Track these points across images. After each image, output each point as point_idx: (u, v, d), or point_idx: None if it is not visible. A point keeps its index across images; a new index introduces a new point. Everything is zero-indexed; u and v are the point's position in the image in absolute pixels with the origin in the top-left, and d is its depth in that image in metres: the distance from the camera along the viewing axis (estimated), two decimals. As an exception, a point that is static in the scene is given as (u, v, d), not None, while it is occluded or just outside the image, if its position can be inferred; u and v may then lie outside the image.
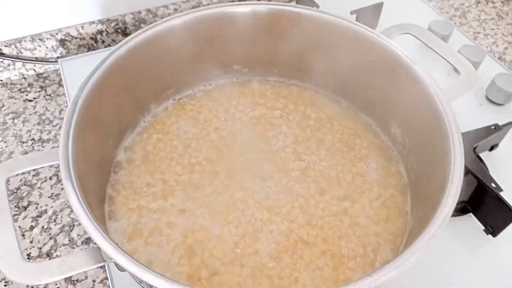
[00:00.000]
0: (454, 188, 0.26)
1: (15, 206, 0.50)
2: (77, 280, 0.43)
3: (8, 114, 0.59)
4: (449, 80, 0.59)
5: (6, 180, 0.26)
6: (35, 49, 0.62)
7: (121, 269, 0.27)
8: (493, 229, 0.43)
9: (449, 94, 0.32)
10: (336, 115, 0.42)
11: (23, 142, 0.56)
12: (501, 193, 0.42)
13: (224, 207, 0.35)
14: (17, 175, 0.27)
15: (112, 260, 0.23)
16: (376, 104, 0.39)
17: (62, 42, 0.63)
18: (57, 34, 0.62)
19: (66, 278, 0.43)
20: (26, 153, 0.54)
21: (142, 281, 0.24)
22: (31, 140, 0.56)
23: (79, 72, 0.58)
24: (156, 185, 0.37)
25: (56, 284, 0.43)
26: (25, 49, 0.62)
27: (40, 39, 0.62)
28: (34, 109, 0.60)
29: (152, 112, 0.41)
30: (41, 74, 0.64)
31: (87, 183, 0.27)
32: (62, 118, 0.58)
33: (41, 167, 0.28)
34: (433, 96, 0.31)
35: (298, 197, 0.35)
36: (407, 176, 0.37)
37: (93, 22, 0.64)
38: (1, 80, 0.63)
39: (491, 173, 0.44)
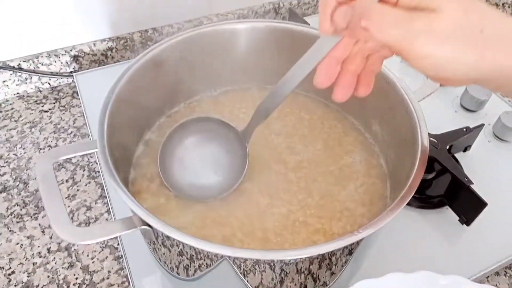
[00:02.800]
0: (419, 169, 0.32)
1: (35, 206, 0.54)
2: (94, 271, 0.48)
3: (25, 124, 0.64)
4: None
5: (52, 164, 0.31)
6: (51, 64, 0.68)
7: (148, 236, 0.32)
8: (466, 219, 0.48)
9: (418, 94, 0.38)
10: (326, 116, 0.48)
11: (41, 149, 0.61)
12: (472, 186, 0.47)
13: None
14: (61, 160, 0.32)
15: (142, 227, 0.28)
16: (359, 106, 0.45)
17: (75, 58, 0.69)
18: (71, 50, 0.68)
19: (84, 268, 0.48)
20: (44, 158, 0.59)
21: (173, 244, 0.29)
22: (48, 146, 0.61)
23: (92, 84, 0.64)
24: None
25: (74, 275, 0.48)
26: (42, 64, 0.67)
27: (56, 55, 0.67)
28: (49, 119, 0.65)
29: (166, 114, 0.47)
30: (55, 87, 0.69)
31: (117, 167, 0.32)
32: (76, 127, 0.64)
33: (80, 155, 0.33)
34: (404, 97, 0.38)
35: (293, 184, 0.41)
36: (386, 166, 0.42)
37: (104, 40, 0.70)
38: (18, 93, 0.68)
39: (465, 171, 0.50)
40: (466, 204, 0.48)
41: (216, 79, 0.49)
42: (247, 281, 0.35)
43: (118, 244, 0.50)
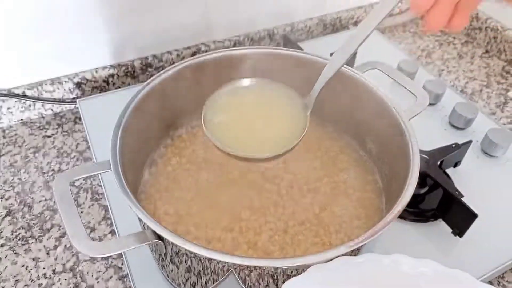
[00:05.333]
0: (413, 179, 0.34)
1: (39, 228, 0.55)
2: None
3: (29, 149, 0.66)
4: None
5: (69, 183, 0.32)
6: (54, 91, 0.70)
7: (160, 250, 0.34)
8: (459, 231, 0.50)
9: (408, 113, 0.40)
10: (323, 136, 0.50)
11: (44, 173, 0.62)
12: (463, 199, 0.50)
13: (230, 211, 0.42)
14: (77, 180, 0.34)
15: (155, 240, 0.30)
16: (355, 126, 0.48)
17: (78, 84, 0.71)
18: (74, 77, 0.70)
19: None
20: (48, 182, 0.61)
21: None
22: (51, 170, 0.63)
23: (95, 110, 0.67)
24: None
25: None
26: (45, 91, 0.69)
27: (59, 82, 0.70)
28: (52, 144, 0.67)
29: (170, 137, 0.49)
30: (58, 113, 0.72)
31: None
32: (78, 151, 0.65)
33: (94, 174, 0.34)
34: (396, 115, 0.40)
35: (292, 202, 0.43)
36: (381, 181, 0.45)
37: (105, 67, 0.72)
38: (22, 119, 0.70)
39: (456, 185, 0.52)
40: (458, 216, 0.50)
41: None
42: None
43: (122, 264, 0.51)
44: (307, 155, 0.47)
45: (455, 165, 0.59)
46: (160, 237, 0.31)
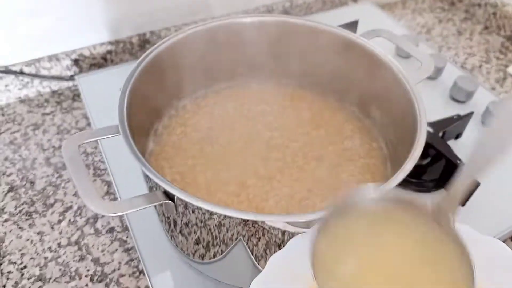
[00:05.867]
0: (421, 140, 0.34)
1: (42, 204, 0.55)
2: (104, 263, 0.49)
3: (28, 126, 0.65)
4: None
5: (78, 146, 0.32)
6: (52, 68, 0.69)
7: (171, 212, 0.34)
8: (462, 201, 0.51)
9: (414, 77, 0.40)
10: (326, 107, 0.50)
11: (45, 150, 0.62)
12: (465, 168, 0.50)
13: (236, 178, 0.43)
14: (85, 143, 0.33)
15: (165, 200, 0.30)
16: (358, 95, 0.48)
17: (76, 61, 0.70)
18: (71, 54, 0.70)
19: (95, 261, 0.49)
20: (49, 159, 0.61)
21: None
22: (52, 147, 0.62)
23: (94, 86, 0.66)
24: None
25: (86, 267, 0.49)
26: (43, 68, 0.69)
27: (57, 59, 0.69)
28: (52, 121, 0.66)
29: (174, 107, 0.49)
30: (56, 91, 0.71)
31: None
32: (78, 128, 0.65)
33: (102, 138, 0.34)
34: (402, 80, 0.40)
35: (297, 169, 0.43)
36: (387, 149, 0.45)
37: (103, 43, 0.71)
38: (20, 97, 0.69)
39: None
40: (461, 185, 0.50)
41: (220, 74, 0.51)
42: (258, 264, 0.37)
43: (127, 237, 0.51)
44: (311, 125, 0.47)
45: (457, 137, 0.60)
46: (170, 197, 0.31)
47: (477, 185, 0.48)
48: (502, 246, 0.31)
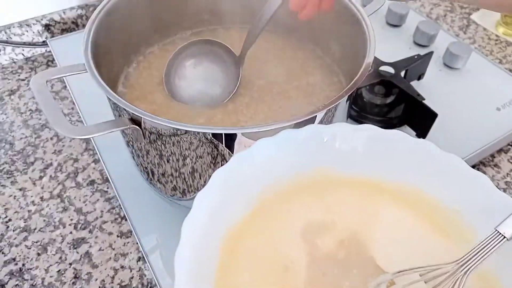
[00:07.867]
0: (370, 58, 0.37)
1: (23, 163, 0.57)
2: (87, 212, 0.51)
3: (4, 92, 0.66)
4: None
5: (46, 81, 0.34)
6: (23, 34, 0.70)
7: (139, 138, 0.36)
8: (422, 132, 0.54)
9: (367, 10, 0.43)
10: (289, 46, 0.52)
11: (22, 113, 0.63)
12: (424, 102, 0.53)
13: (204, 114, 0.45)
14: (53, 79, 0.35)
15: (132, 125, 0.32)
16: (318, 34, 0.50)
17: (46, 27, 0.71)
18: (42, 20, 0.70)
19: (78, 211, 0.51)
20: (26, 121, 0.62)
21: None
22: (29, 110, 0.63)
23: (66, 49, 0.67)
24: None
25: (69, 217, 0.51)
26: (14, 35, 0.69)
27: (28, 25, 0.69)
28: (27, 86, 0.67)
29: (142, 53, 0.50)
30: (29, 57, 0.71)
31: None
32: (54, 91, 0.66)
33: (69, 75, 0.36)
34: (356, 13, 0.42)
35: (263, 104, 0.46)
36: (345, 82, 0.47)
37: (73, 8, 0.72)
38: (-7, 65, 0.69)
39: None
40: (421, 118, 0.53)
41: (187, 21, 0.53)
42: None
43: (108, 188, 0.53)
44: (275, 63, 0.50)
45: (419, 78, 0.62)
46: (137, 123, 0.33)
47: (435, 116, 0.51)
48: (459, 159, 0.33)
